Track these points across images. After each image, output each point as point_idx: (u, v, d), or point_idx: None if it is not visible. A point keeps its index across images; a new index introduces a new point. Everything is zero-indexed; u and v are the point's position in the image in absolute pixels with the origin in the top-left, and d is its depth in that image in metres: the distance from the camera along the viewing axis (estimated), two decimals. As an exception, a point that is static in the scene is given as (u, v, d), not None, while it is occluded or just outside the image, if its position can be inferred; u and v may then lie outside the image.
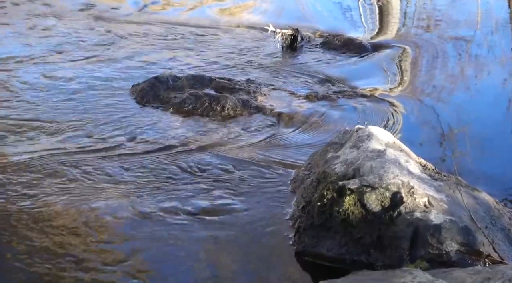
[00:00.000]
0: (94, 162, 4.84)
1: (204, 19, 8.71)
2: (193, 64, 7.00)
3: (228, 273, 3.75)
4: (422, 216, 3.67)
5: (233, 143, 5.23)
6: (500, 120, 5.89)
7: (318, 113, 5.83)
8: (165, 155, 4.98)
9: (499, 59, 7.55)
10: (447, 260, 3.54)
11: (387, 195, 3.77)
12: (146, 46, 7.53)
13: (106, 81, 6.41)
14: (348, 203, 3.81)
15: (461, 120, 5.85)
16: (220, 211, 4.30)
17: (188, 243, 3.97)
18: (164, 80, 6.22)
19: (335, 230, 3.83)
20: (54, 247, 3.88)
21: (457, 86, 6.78)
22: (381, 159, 3.98)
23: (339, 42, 7.65)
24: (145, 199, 4.39)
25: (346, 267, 3.70)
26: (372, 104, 6.04)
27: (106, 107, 5.83)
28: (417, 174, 3.97)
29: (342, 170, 4.03)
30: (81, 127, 5.41)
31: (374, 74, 6.92)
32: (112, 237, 4.03)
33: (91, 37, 7.76)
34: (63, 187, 4.50)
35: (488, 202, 4.00)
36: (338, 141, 4.53)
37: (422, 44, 7.84)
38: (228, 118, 5.68)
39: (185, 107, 5.80)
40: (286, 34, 7.53)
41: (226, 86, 6.20)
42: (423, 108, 6.10)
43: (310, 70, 6.90)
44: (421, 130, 5.68)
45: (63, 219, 4.15)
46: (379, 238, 3.71)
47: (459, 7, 9.64)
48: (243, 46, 7.60)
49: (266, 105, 5.91)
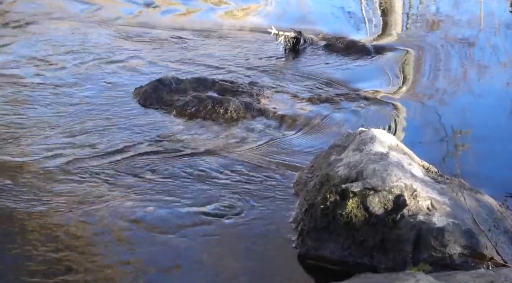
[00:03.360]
0: (96, 165, 4.85)
1: (207, 21, 8.71)
2: (196, 66, 7.00)
3: (231, 275, 3.75)
4: (425, 219, 3.67)
5: (236, 146, 5.23)
6: (503, 123, 5.90)
7: (321, 116, 5.83)
8: (168, 158, 4.98)
9: (502, 61, 7.55)
10: (450, 263, 3.54)
11: (390, 198, 3.77)
12: (148, 48, 7.53)
13: (109, 84, 6.42)
14: (351, 206, 3.82)
15: (464, 122, 5.85)
16: (222, 213, 4.30)
17: (190, 245, 3.98)
18: (167, 82, 6.23)
19: (338, 233, 3.84)
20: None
21: (460, 89, 6.78)
22: (384, 162, 3.98)
23: (342, 44, 7.65)
24: (145, 202, 4.39)
25: (349, 269, 3.71)
26: (374, 107, 6.05)
27: (108, 109, 5.83)
28: (420, 177, 3.98)
29: (345, 173, 4.03)
30: (83, 129, 5.41)
31: (376, 77, 6.92)
32: (111, 237, 4.04)
33: (93, 39, 7.76)
34: (63, 189, 4.51)
35: (491, 205, 4.00)
36: (341, 144, 4.53)
37: (425, 47, 7.84)
38: (231, 120, 5.69)
39: (188, 109, 5.81)
40: (289, 36, 7.53)
41: (229, 88, 6.21)
42: (425, 110, 6.10)
43: (312, 73, 6.90)
44: (424, 133, 5.68)
45: (61, 220, 4.16)
46: (382, 241, 3.71)
47: (462, 10, 9.63)
48: (246, 48, 7.60)
49: (269, 107, 5.91)
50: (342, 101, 6.14)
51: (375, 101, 6.17)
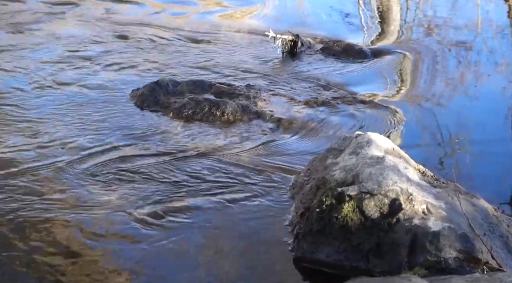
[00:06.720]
0: (91, 166, 4.84)
1: (205, 24, 8.71)
2: (192, 69, 7.00)
3: (226, 278, 3.75)
4: (421, 223, 3.67)
5: (232, 149, 5.23)
6: (500, 127, 5.90)
7: (317, 119, 5.83)
8: (164, 160, 4.98)
9: (499, 65, 7.56)
10: (446, 267, 3.54)
11: (386, 202, 3.77)
12: (145, 50, 7.54)
13: (106, 86, 6.41)
14: (347, 209, 3.82)
15: (460, 126, 5.86)
16: (218, 216, 4.30)
17: (186, 249, 3.97)
18: (164, 85, 6.23)
19: (333, 236, 3.84)
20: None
21: (457, 92, 6.79)
22: (380, 165, 3.99)
23: (339, 48, 7.66)
24: (141, 204, 4.39)
25: (344, 273, 3.71)
26: (371, 110, 6.05)
27: (105, 111, 5.83)
28: (416, 181, 3.98)
29: (341, 177, 4.03)
30: (80, 130, 5.41)
31: (373, 80, 6.92)
32: (105, 240, 4.04)
33: (91, 40, 7.76)
34: (57, 191, 4.51)
35: (487, 209, 4.01)
36: (337, 147, 4.53)
37: (422, 50, 7.85)
38: (228, 123, 5.69)
39: (185, 112, 5.81)
40: (286, 39, 7.54)
41: (226, 91, 6.21)
42: (422, 114, 6.11)
43: (310, 76, 6.91)
44: (421, 137, 5.69)
45: (54, 223, 4.16)
46: (377, 245, 3.71)
47: (459, 13, 9.65)
48: (244, 51, 7.61)
49: (266, 110, 5.92)
50: (339, 105, 6.14)
51: (372, 105, 6.17)
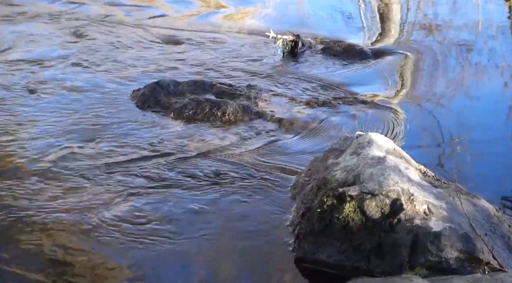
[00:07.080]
0: (92, 167, 4.84)
1: (206, 24, 8.71)
2: (193, 69, 7.00)
3: (227, 278, 3.76)
4: (422, 223, 3.67)
5: (233, 149, 5.23)
6: (501, 127, 5.89)
7: (318, 119, 5.83)
8: (165, 161, 4.98)
9: (500, 65, 7.56)
10: (447, 267, 3.54)
11: (387, 202, 3.77)
12: (146, 51, 7.54)
13: (107, 86, 6.41)
14: (348, 209, 3.82)
15: (461, 126, 5.85)
16: (219, 216, 4.30)
17: (187, 249, 3.98)
18: (165, 85, 6.23)
19: (335, 237, 3.84)
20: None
21: (457, 93, 6.79)
22: (381, 166, 3.99)
23: (340, 48, 7.66)
24: (140, 205, 4.39)
25: (345, 273, 3.71)
26: (372, 111, 6.05)
27: (106, 112, 5.83)
28: (417, 181, 3.98)
29: (342, 177, 4.03)
30: (80, 131, 5.41)
31: (374, 81, 6.92)
32: (106, 239, 4.04)
33: (91, 41, 7.76)
34: (57, 191, 4.51)
35: (488, 209, 4.01)
36: (338, 148, 4.53)
37: (423, 50, 7.85)
38: (229, 123, 5.69)
39: (185, 112, 5.81)
40: (287, 40, 7.53)
41: (227, 91, 6.21)
42: (423, 114, 6.11)
43: (310, 76, 6.91)
44: (421, 137, 5.68)
45: (54, 222, 4.17)
46: (379, 245, 3.71)
47: (460, 14, 9.65)
48: (244, 51, 7.61)
49: (267, 111, 5.92)
50: (340, 105, 6.14)
51: (373, 105, 6.17)
